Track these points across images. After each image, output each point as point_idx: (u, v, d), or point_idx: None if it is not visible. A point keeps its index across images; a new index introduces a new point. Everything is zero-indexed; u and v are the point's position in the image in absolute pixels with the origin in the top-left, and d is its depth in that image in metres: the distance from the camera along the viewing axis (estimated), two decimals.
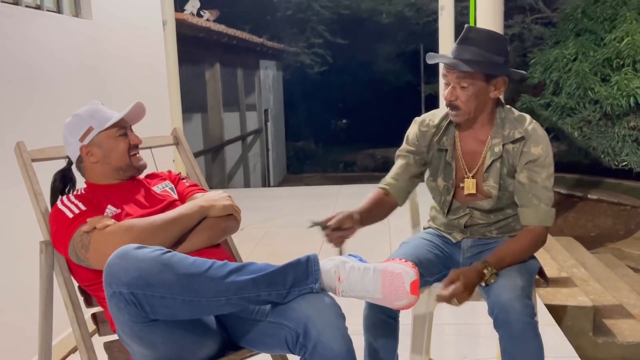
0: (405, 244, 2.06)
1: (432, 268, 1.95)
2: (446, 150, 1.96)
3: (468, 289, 1.71)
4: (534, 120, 1.91)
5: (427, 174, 2.05)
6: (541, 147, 1.85)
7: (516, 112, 1.93)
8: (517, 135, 1.87)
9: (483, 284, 1.76)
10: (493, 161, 1.89)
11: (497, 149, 1.89)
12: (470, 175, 1.94)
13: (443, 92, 1.90)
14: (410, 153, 2.01)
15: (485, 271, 1.75)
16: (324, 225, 1.78)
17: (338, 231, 1.78)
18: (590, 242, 6.92)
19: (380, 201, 1.98)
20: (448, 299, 1.70)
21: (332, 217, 1.79)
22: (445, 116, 1.97)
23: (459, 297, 1.70)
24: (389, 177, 2.02)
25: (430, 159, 2.00)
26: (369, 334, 1.91)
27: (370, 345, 1.92)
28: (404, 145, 2.03)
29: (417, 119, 2.03)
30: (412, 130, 2.02)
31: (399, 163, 2.02)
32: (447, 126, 1.96)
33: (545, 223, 1.86)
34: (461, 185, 1.96)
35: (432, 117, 2.01)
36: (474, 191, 1.93)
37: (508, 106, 1.95)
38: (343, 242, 1.80)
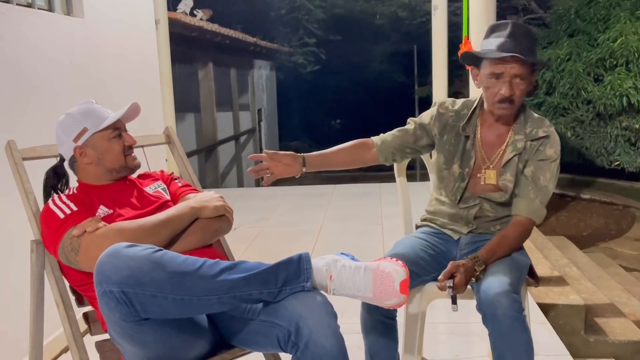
0: (400, 243, 2.06)
1: (427, 267, 1.96)
2: (468, 137, 1.99)
3: (468, 282, 1.74)
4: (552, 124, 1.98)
5: (440, 161, 2.05)
6: (554, 150, 1.92)
7: (537, 114, 1.99)
8: (542, 134, 1.93)
9: (474, 279, 1.78)
10: (513, 156, 1.94)
11: (520, 145, 1.94)
12: (491, 166, 1.98)
13: (491, 86, 1.89)
14: (417, 125, 2.05)
15: (476, 267, 1.77)
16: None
17: (275, 162, 1.96)
18: (582, 242, 6.94)
19: (356, 148, 2.07)
20: (457, 291, 1.71)
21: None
22: (467, 105, 2.01)
23: (460, 289, 1.72)
24: (383, 134, 2.07)
25: (445, 143, 2.02)
26: (369, 336, 1.90)
27: (371, 348, 1.90)
28: (416, 117, 2.08)
29: (438, 101, 2.07)
30: (430, 111, 2.07)
31: (401, 127, 2.07)
32: (471, 115, 2.00)
33: (534, 217, 1.91)
34: (478, 175, 1.99)
35: (453, 103, 2.06)
36: (494, 181, 1.97)
37: (529, 108, 2.01)
38: (265, 175, 1.96)
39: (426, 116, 2.06)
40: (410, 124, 2.08)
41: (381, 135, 2.09)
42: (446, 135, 2.02)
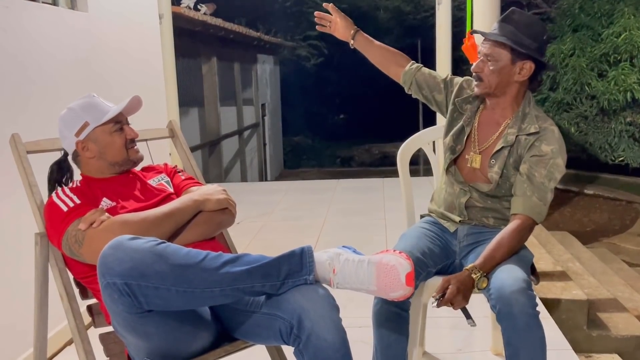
0: (406, 235, 2.07)
1: (435, 258, 1.98)
2: (463, 114, 2.05)
3: (461, 293, 1.71)
4: (556, 126, 1.95)
5: (444, 128, 2.13)
6: (551, 148, 1.89)
7: (542, 113, 1.98)
8: (532, 130, 1.92)
9: (476, 289, 1.76)
10: (502, 147, 1.94)
11: (510, 138, 1.94)
12: (479, 150, 2.00)
13: None
14: (446, 80, 2.12)
15: (473, 276, 1.75)
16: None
17: (336, 18, 2.22)
18: (586, 237, 6.94)
19: (394, 56, 2.22)
20: (445, 303, 1.71)
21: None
22: None
23: (454, 302, 1.70)
24: (421, 65, 2.19)
25: (452, 112, 2.09)
26: (382, 328, 1.88)
27: (382, 341, 1.89)
28: (448, 75, 2.15)
29: (467, 78, 2.12)
30: (459, 79, 2.13)
31: (437, 72, 2.18)
32: (476, 97, 2.05)
33: (532, 214, 1.86)
34: (467, 156, 2.02)
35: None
36: (477, 166, 1.99)
37: (537, 107, 2.00)
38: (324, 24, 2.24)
39: (456, 80, 2.13)
40: (444, 75, 2.15)
41: (419, 64, 2.19)
42: (452, 107, 2.09)
